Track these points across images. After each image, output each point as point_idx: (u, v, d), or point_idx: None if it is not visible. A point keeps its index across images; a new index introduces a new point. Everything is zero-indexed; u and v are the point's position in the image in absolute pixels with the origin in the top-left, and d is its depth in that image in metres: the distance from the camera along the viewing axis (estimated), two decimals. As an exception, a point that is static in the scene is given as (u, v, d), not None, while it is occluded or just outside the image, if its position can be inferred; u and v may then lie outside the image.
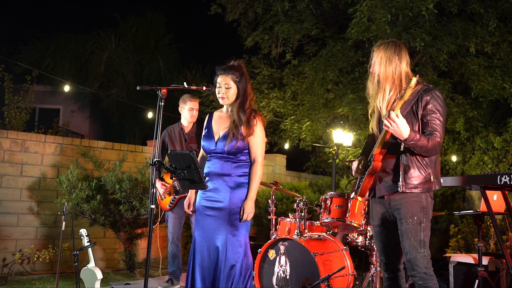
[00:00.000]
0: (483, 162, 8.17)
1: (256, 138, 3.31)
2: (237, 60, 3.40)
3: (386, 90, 2.95)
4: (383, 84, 2.97)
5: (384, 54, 2.96)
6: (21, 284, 5.29)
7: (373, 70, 3.02)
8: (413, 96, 2.89)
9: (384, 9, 7.53)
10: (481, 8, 7.85)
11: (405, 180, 2.86)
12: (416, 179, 2.87)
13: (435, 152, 2.86)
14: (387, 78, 2.95)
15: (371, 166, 2.92)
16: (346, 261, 4.59)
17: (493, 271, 4.61)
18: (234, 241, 3.20)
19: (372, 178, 2.99)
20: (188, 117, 5.03)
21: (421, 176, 2.87)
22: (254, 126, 3.30)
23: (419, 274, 2.83)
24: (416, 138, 2.75)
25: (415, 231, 2.85)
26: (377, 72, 2.99)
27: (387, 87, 2.95)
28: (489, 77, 8.04)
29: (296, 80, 9.61)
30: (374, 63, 3.01)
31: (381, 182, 2.98)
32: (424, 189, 2.87)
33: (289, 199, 7.95)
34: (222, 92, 3.29)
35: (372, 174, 2.96)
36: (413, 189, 2.86)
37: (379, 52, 2.98)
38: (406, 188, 2.86)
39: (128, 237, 6.16)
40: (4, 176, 6.08)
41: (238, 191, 3.25)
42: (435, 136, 2.83)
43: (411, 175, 2.87)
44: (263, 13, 9.76)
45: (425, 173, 2.88)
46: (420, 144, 2.76)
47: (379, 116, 3.04)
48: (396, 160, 2.92)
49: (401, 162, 2.89)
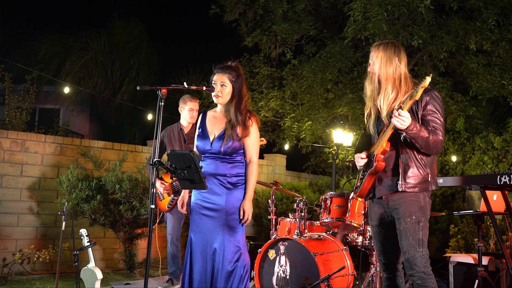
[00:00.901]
0: (483, 162, 8.17)
1: (252, 139, 3.31)
2: (235, 61, 3.41)
3: (388, 91, 2.94)
4: (384, 84, 2.96)
5: (384, 54, 2.96)
6: (21, 284, 5.29)
7: (372, 70, 3.01)
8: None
9: (379, 7, 7.52)
10: (480, 2, 7.84)
11: (405, 179, 2.87)
12: (415, 178, 2.87)
13: (436, 149, 2.85)
14: (387, 79, 2.95)
15: (374, 166, 2.90)
16: (346, 261, 4.59)
17: (493, 271, 4.61)
18: (231, 242, 3.20)
19: (373, 179, 2.99)
20: (188, 118, 5.02)
21: (419, 175, 2.88)
22: (250, 127, 3.30)
23: (418, 273, 2.83)
24: (417, 128, 2.74)
25: (414, 230, 2.85)
26: (377, 72, 2.98)
27: (389, 88, 2.94)
28: (488, 75, 8.04)
29: (295, 81, 9.61)
30: (373, 63, 3.00)
31: (381, 182, 2.98)
32: (421, 188, 2.88)
33: (289, 199, 7.95)
34: (217, 90, 3.29)
35: (374, 174, 2.96)
36: (412, 189, 2.86)
37: (379, 52, 2.97)
38: (405, 187, 2.86)
39: (128, 237, 6.16)
40: (4, 176, 6.08)
41: (235, 192, 3.25)
42: (437, 133, 2.83)
43: (410, 174, 2.87)
44: (263, 14, 9.76)
45: (423, 173, 2.89)
46: (421, 134, 2.75)
47: (377, 117, 3.04)
48: (395, 160, 2.92)
49: (400, 161, 2.89)
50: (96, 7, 17.55)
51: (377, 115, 3.04)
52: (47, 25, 16.09)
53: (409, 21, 8.22)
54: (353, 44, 8.95)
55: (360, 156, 3.02)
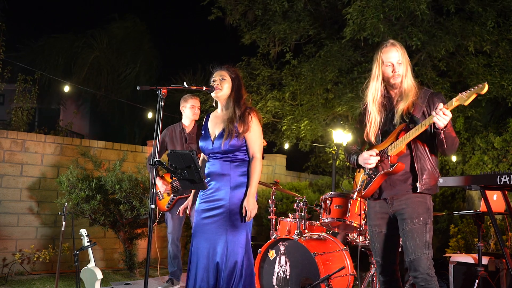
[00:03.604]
0: (483, 162, 8.17)
1: (253, 134, 3.27)
2: (234, 66, 3.45)
3: (408, 94, 2.90)
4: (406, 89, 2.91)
5: (405, 56, 2.92)
6: (21, 284, 5.29)
7: (396, 70, 2.91)
8: (423, 99, 2.88)
9: (375, 9, 7.53)
10: (479, 7, 7.84)
11: (423, 180, 2.85)
12: (432, 180, 2.87)
13: (455, 150, 2.85)
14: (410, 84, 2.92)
15: (393, 167, 2.85)
16: (346, 261, 4.59)
17: (493, 271, 4.60)
18: (234, 242, 3.17)
19: (383, 179, 2.93)
20: (190, 115, 5.02)
21: (434, 177, 2.88)
22: (250, 122, 3.26)
23: (422, 275, 2.79)
24: (451, 127, 2.73)
25: (421, 231, 2.82)
26: (402, 74, 2.92)
27: (410, 92, 2.90)
28: (488, 76, 8.03)
29: (295, 81, 9.61)
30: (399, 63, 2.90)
31: (390, 183, 2.93)
32: (435, 189, 2.89)
33: (289, 199, 7.95)
34: (216, 83, 3.30)
35: (388, 175, 2.91)
36: (428, 190, 2.85)
37: (404, 54, 2.92)
38: (424, 189, 2.84)
39: (128, 237, 6.16)
40: (4, 176, 6.08)
41: (237, 191, 3.21)
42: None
43: (427, 176, 2.86)
44: (263, 14, 9.76)
45: (436, 174, 2.91)
46: (452, 134, 2.75)
47: (383, 118, 2.98)
48: (411, 161, 2.89)
49: (417, 162, 2.87)
50: (96, 7, 17.55)
51: (387, 115, 2.98)
52: (47, 25, 16.10)
53: (408, 22, 8.22)
54: (352, 43, 8.95)
55: (371, 154, 2.93)
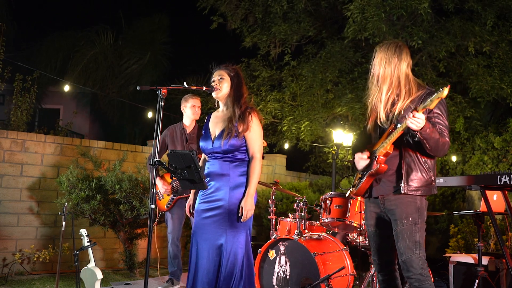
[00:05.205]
0: (483, 162, 8.17)
1: (253, 134, 3.26)
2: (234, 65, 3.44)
3: (383, 91, 2.95)
4: (380, 85, 2.97)
5: (384, 55, 2.96)
6: (21, 284, 5.29)
7: (373, 71, 3.02)
8: (418, 99, 2.88)
9: (376, 8, 7.53)
10: (478, 5, 7.84)
11: (407, 182, 2.85)
12: (418, 181, 2.86)
13: (443, 151, 2.82)
14: (385, 79, 2.95)
15: (375, 169, 2.88)
16: (346, 261, 4.59)
17: (493, 271, 4.61)
18: (234, 242, 3.17)
19: (372, 180, 2.97)
20: (191, 114, 5.02)
21: (423, 179, 2.86)
22: (250, 122, 3.25)
23: (415, 275, 2.80)
24: (430, 129, 2.70)
25: (410, 232, 2.82)
26: (377, 73, 2.99)
27: (384, 88, 2.95)
28: (488, 76, 8.03)
29: (295, 82, 9.61)
30: (374, 64, 3.01)
31: (379, 182, 2.97)
32: (424, 191, 2.87)
33: (289, 199, 7.95)
34: (215, 83, 3.30)
35: (374, 176, 2.94)
36: (414, 192, 2.84)
37: (380, 53, 2.99)
38: (408, 190, 2.84)
39: (128, 237, 6.16)
40: (4, 176, 6.08)
41: (237, 191, 3.21)
42: (444, 135, 2.82)
43: (413, 177, 2.85)
44: (263, 17, 9.76)
45: (427, 176, 2.88)
46: (433, 136, 2.72)
47: (377, 118, 3.02)
48: (399, 163, 2.90)
49: (404, 164, 2.87)
50: (99, 6, 17.54)
51: (377, 116, 3.03)
52: (47, 25, 16.08)
53: (409, 22, 8.22)
54: (353, 44, 8.94)
55: (361, 157, 2.98)
